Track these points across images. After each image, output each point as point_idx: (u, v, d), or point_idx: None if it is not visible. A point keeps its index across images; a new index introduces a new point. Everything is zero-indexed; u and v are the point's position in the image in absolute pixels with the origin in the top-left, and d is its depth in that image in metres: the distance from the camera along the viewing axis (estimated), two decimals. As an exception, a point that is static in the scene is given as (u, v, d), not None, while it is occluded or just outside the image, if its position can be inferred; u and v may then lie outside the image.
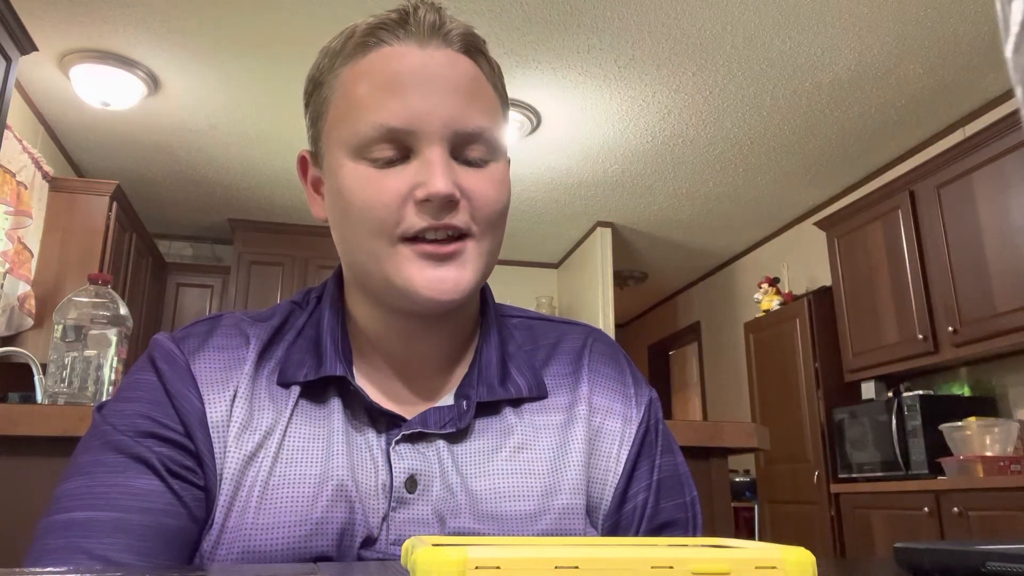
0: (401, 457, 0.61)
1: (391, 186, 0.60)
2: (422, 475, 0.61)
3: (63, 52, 3.16)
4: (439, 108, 0.60)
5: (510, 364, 0.68)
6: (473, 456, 0.63)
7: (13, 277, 3.20)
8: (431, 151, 0.60)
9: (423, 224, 0.59)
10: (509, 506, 0.61)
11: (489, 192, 0.63)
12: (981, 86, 3.30)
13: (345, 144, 0.62)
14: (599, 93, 3.40)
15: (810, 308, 4.02)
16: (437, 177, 0.59)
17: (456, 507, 0.60)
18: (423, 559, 0.28)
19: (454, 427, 0.63)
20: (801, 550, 0.31)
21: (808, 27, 2.92)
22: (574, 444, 0.66)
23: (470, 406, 0.64)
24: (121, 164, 4.14)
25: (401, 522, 0.59)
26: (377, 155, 0.61)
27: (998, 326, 2.96)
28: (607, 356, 0.72)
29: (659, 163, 4.06)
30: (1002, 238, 2.95)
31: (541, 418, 0.66)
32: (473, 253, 0.62)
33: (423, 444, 0.62)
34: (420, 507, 0.60)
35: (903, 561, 0.39)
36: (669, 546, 0.33)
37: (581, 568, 0.28)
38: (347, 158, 0.62)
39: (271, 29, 2.98)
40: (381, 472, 0.61)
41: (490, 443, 0.64)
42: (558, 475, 0.64)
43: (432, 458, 0.62)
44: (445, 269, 0.61)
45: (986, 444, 2.88)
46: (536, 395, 0.67)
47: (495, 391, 0.65)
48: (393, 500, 0.60)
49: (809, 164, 4.04)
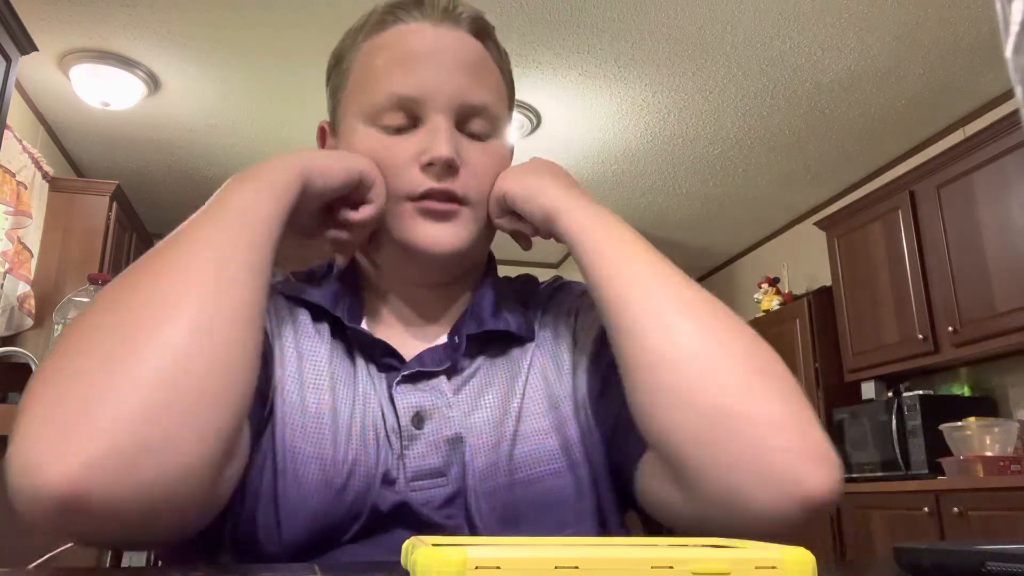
0: (404, 396, 0.64)
1: (400, 150, 0.66)
2: (426, 410, 0.64)
3: (63, 52, 3.16)
4: (447, 81, 0.66)
5: (503, 305, 0.71)
6: (470, 392, 0.66)
7: (13, 277, 3.20)
8: (437, 119, 0.66)
9: (426, 186, 0.65)
10: (508, 428, 0.64)
11: (486, 165, 0.68)
12: (981, 86, 3.30)
13: (360, 112, 0.68)
14: (599, 93, 3.40)
15: (810, 308, 4.02)
16: (441, 143, 0.64)
17: (463, 440, 0.63)
18: (423, 559, 0.28)
19: (450, 361, 0.66)
20: (801, 550, 0.31)
21: (808, 27, 2.92)
22: (563, 366, 0.69)
23: (461, 339, 0.67)
24: (121, 164, 4.14)
25: (415, 457, 0.62)
26: (388, 122, 0.66)
27: (998, 326, 2.96)
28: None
29: (659, 163, 4.06)
30: (1002, 238, 2.95)
31: (538, 357, 0.70)
32: (467, 217, 0.67)
33: (423, 383, 0.65)
34: (430, 439, 0.62)
35: (903, 561, 0.39)
36: (669, 546, 0.33)
37: (581, 568, 0.28)
38: (361, 125, 0.68)
39: (271, 29, 2.97)
40: (387, 412, 0.63)
41: (486, 379, 0.67)
42: (551, 391, 0.68)
43: (434, 394, 0.65)
44: (443, 226, 0.66)
45: (986, 444, 2.88)
46: (525, 334, 0.70)
47: (484, 323, 0.69)
48: (404, 438, 0.62)
49: (809, 164, 4.04)
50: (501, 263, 0.81)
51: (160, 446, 0.42)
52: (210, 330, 0.46)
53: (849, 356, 3.75)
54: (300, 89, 3.35)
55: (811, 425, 0.51)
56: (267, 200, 0.56)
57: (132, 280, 0.49)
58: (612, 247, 0.60)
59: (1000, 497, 2.58)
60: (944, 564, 0.37)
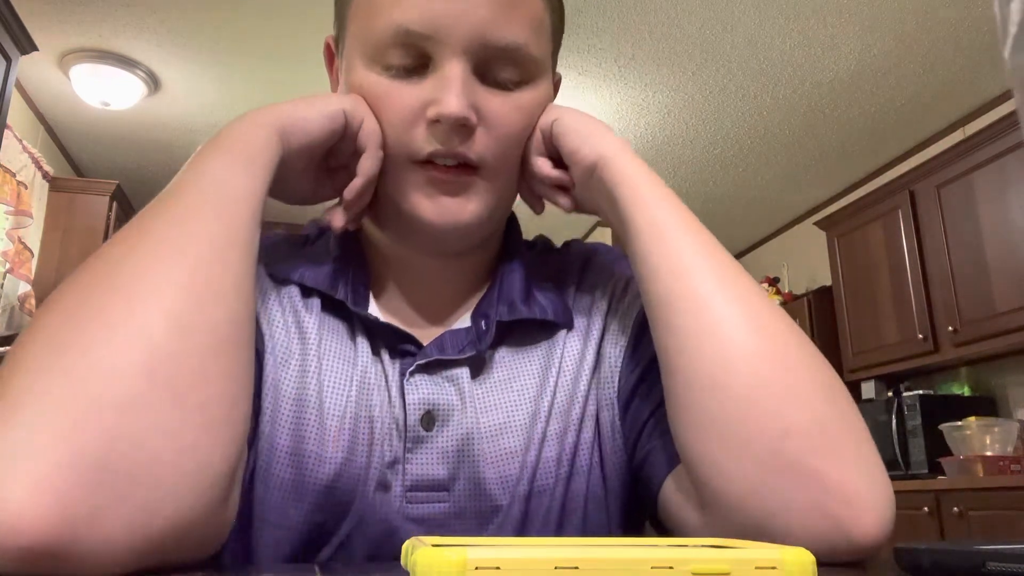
0: (416, 388, 0.55)
1: (402, 102, 0.54)
2: (440, 410, 0.55)
3: (63, 52, 3.16)
4: (466, 13, 0.52)
5: (534, 287, 0.61)
6: (493, 389, 0.57)
7: (13, 277, 3.20)
8: (450, 65, 0.53)
9: (430, 149, 0.53)
10: (521, 437, 0.56)
11: (512, 122, 0.56)
12: (981, 86, 3.30)
13: (360, 43, 0.56)
14: (599, 93, 3.40)
15: (810, 308, 4.02)
16: (451, 95, 0.52)
17: (479, 447, 0.55)
18: (423, 560, 0.28)
19: (474, 350, 0.57)
20: (801, 550, 0.31)
21: (808, 27, 2.92)
22: (588, 362, 0.59)
23: (489, 325, 0.57)
24: (121, 164, 4.14)
25: (418, 464, 0.54)
26: (391, 61, 0.54)
27: (998, 326, 2.95)
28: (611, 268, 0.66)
29: (659, 163, 4.06)
30: (1002, 238, 2.95)
31: (571, 346, 0.60)
32: (483, 186, 0.56)
33: (441, 374, 0.56)
34: (439, 445, 0.54)
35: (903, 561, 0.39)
36: (669, 546, 0.33)
37: (581, 568, 0.28)
38: (360, 62, 0.56)
39: (271, 29, 2.97)
40: (395, 407, 0.54)
41: (511, 373, 0.58)
42: (575, 389, 0.58)
43: (450, 390, 0.55)
44: (450, 199, 0.55)
45: (986, 444, 2.88)
46: (562, 321, 0.60)
47: (517, 310, 0.58)
48: (408, 440, 0.54)
49: (809, 164, 4.04)
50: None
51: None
52: (171, 379, 0.38)
53: (849, 356, 3.75)
54: (301, 89, 3.34)
55: (879, 472, 0.46)
56: (242, 175, 0.48)
57: (82, 296, 0.40)
58: (672, 223, 0.52)
59: (1000, 497, 2.58)
60: (944, 564, 0.37)
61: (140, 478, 0.35)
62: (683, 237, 0.52)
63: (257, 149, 0.49)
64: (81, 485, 0.34)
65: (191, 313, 0.40)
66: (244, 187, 0.47)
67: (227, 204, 0.46)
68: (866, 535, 0.44)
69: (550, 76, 0.60)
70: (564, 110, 0.59)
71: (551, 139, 0.58)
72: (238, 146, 0.49)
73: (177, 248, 0.42)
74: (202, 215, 0.44)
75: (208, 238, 0.43)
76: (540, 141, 0.58)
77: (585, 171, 0.56)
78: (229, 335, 0.42)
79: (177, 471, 0.37)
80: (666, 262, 0.51)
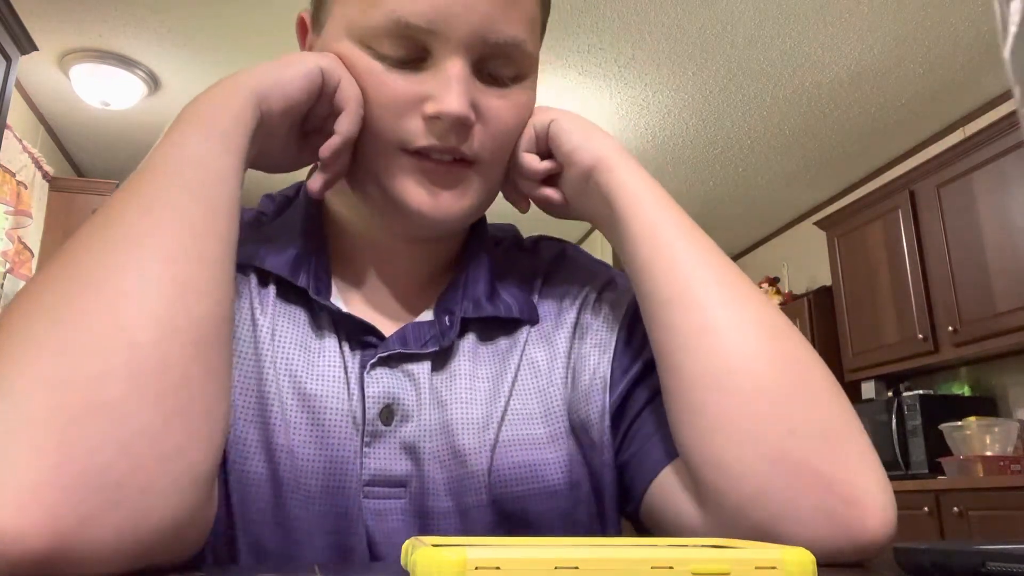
0: (376, 381, 0.53)
1: (397, 90, 0.52)
2: (399, 404, 0.53)
3: (63, 52, 3.16)
4: (469, 9, 0.51)
5: (499, 285, 0.61)
6: (453, 384, 0.56)
7: (13, 277, 3.20)
8: (451, 62, 0.51)
9: (426, 143, 0.52)
10: (488, 435, 0.55)
11: (507, 119, 0.55)
12: (981, 86, 3.30)
13: (350, 27, 0.53)
14: (599, 93, 3.40)
15: (810, 308, 4.02)
16: (453, 94, 0.51)
17: (433, 444, 0.53)
18: (423, 560, 0.28)
19: (436, 345, 0.55)
20: (801, 550, 0.31)
21: (808, 27, 2.92)
22: (558, 363, 0.59)
23: (453, 321, 0.57)
24: (121, 164, 4.13)
25: (375, 459, 0.52)
26: (387, 51, 0.52)
27: (998, 326, 2.95)
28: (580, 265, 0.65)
29: (659, 163, 4.06)
30: (1002, 238, 2.95)
31: (535, 349, 0.59)
32: (476, 180, 0.55)
33: (403, 367, 0.55)
34: (396, 440, 0.53)
35: (903, 561, 0.39)
36: (669, 546, 0.33)
37: (581, 568, 0.28)
38: (350, 41, 0.53)
39: (271, 29, 2.97)
40: (354, 399, 0.53)
41: (472, 368, 0.57)
42: (545, 399, 0.57)
43: (409, 385, 0.54)
44: (445, 192, 0.54)
45: (986, 444, 2.88)
46: (527, 318, 0.59)
47: (482, 307, 0.58)
48: (366, 434, 0.53)
49: (809, 164, 4.04)
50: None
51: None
52: (157, 373, 0.37)
53: (849, 356, 3.75)
54: (300, 89, 3.35)
55: (882, 474, 0.47)
56: (220, 152, 0.46)
57: (60, 294, 0.38)
58: (671, 225, 0.52)
59: (1000, 497, 2.58)
60: (944, 564, 0.37)
61: (127, 485, 0.35)
62: (683, 240, 0.52)
63: (233, 119, 0.47)
64: (69, 495, 0.33)
65: (173, 313, 0.39)
66: (223, 165, 0.46)
67: (205, 186, 0.44)
68: (873, 536, 0.44)
69: (537, 70, 0.59)
70: (561, 111, 0.59)
71: (546, 138, 0.58)
72: (214, 117, 0.47)
73: (155, 239, 0.41)
74: (179, 200, 0.43)
75: (187, 226, 0.42)
76: (532, 139, 0.58)
77: (582, 172, 0.56)
78: (211, 333, 0.41)
79: (163, 475, 0.36)
80: (666, 264, 0.51)
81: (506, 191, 0.62)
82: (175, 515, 0.37)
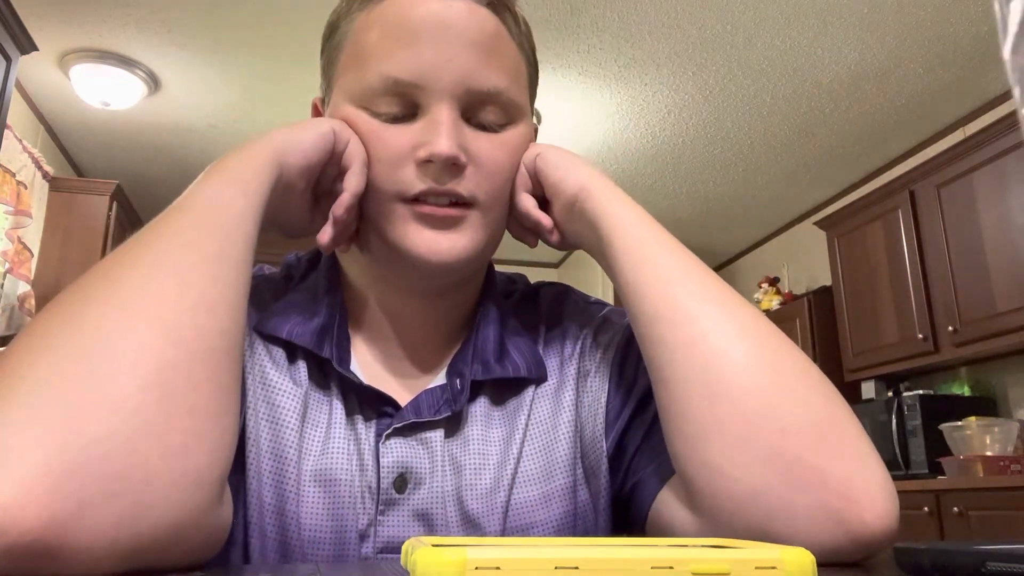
0: (391, 451, 0.56)
1: (392, 142, 0.56)
2: (413, 472, 0.56)
3: (63, 52, 3.15)
4: (452, 62, 0.56)
5: (508, 342, 0.63)
6: (465, 449, 0.58)
7: (13, 277, 3.20)
8: (439, 109, 0.55)
9: (423, 187, 0.55)
10: (499, 498, 0.57)
11: (499, 159, 0.58)
12: (981, 86, 3.30)
13: (349, 93, 0.58)
14: (599, 93, 3.40)
15: (810, 308, 4.02)
16: (442, 137, 0.54)
17: (445, 511, 0.56)
18: (423, 560, 0.28)
19: (449, 410, 0.58)
20: (801, 550, 0.31)
21: (808, 27, 2.92)
22: (564, 417, 0.61)
23: (464, 385, 0.59)
24: (121, 164, 4.13)
25: (390, 526, 0.55)
26: (382, 109, 0.57)
27: (998, 326, 2.95)
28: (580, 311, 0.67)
29: (659, 163, 4.06)
30: (1002, 238, 2.95)
31: (541, 405, 0.62)
32: (476, 222, 0.57)
33: (416, 436, 0.57)
34: (410, 508, 0.55)
35: (903, 561, 0.39)
36: (669, 546, 0.33)
37: (581, 568, 0.28)
38: (350, 106, 0.58)
39: (271, 29, 2.97)
40: (369, 469, 0.55)
41: (484, 432, 0.59)
42: (551, 455, 0.59)
43: (423, 452, 0.57)
44: (444, 234, 0.56)
45: (986, 444, 2.88)
46: (535, 376, 0.62)
47: (491, 369, 0.60)
48: (381, 503, 0.55)
49: (809, 164, 4.04)
50: (500, 262, 0.74)
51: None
52: (168, 384, 0.39)
53: (849, 356, 3.75)
54: (301, 89, 3.34)
55: (880, 468, 0.47)
56: (237, 196, 0.49)
57: (78, 305, 0.41)
58: (654, 243, 0.55)
59: (1000, 497, 2.58)
60: (944, 564, 0.37)
61: (128, 477, 0.36)
62: (666, 256, 0.55)
63: (253, 171, 0.51)
64: (70, 479, 0.34)
65: (182, 324, 0.41)
66: (238, 206, 0.49)
67: (221, 222, 0.48)
68: (872, 533, 0.44)
69: (530, 119, 0.63)
70: (545, 146, 0.62)
71: (535, 174, 0.61)
72: (237, 168, 0.51)
73: (172, 263, 0.44)
74: (196, 232, 0.46)
75: (201, 253, 0.45)
76: (526, 177, 0.61)
77: (568, 200, 0.59)
78: (218, 345, 0.43)
79: (166, 472, 0.37)
80: (652, 280, 0.53)
81: (512, 230, 0.65)
82: (176, 514, 0.38)
